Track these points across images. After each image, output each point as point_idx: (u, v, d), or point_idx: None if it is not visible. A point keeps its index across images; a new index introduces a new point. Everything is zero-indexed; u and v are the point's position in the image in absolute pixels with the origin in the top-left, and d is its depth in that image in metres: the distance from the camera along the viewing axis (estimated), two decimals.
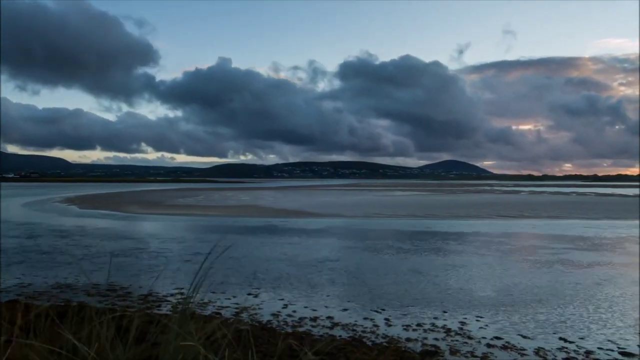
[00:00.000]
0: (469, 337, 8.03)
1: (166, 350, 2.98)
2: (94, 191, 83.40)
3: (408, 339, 7.87)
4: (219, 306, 9.75)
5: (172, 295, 10.47)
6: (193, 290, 3.53)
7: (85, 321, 3.36)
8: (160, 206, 44.00)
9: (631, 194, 78.68)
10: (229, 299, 10.38)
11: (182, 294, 10.10)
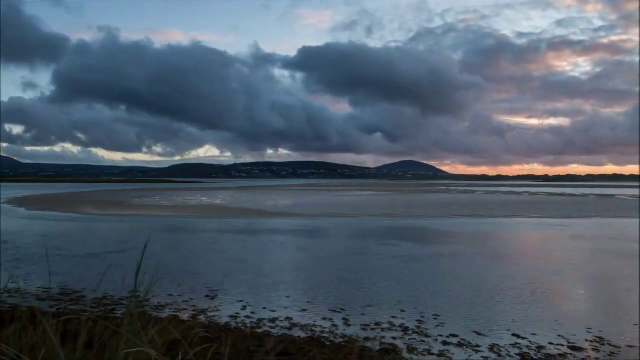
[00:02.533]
0: (426, 335, 8.14)
1: (116, 355, 2.90)
2: (45, 192, 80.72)
3: (366, 339, 7.92)
4: (176, 309, 9.58)
5: (127, 298, 10.22)
6: (146, 292, 3.44)
7: (32, 326, 3.23)
8: (116, 207, 42.99)
9: (579, 194, 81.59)
10: (187, 301, 10.22)
11: (138, 296, 9.88)
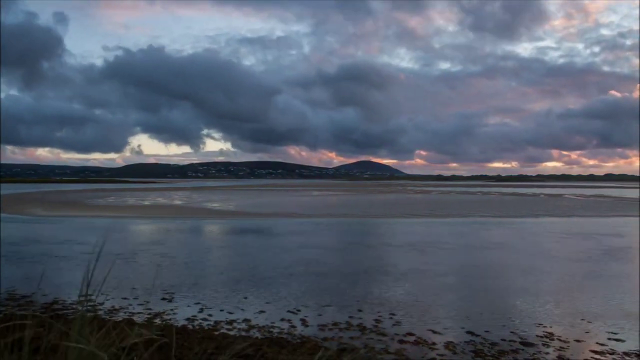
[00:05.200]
0: (383, 334, 8.22)
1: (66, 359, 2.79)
2: None
3: (324, 339, 7.94)
4: (130, 312, 9.37)
5: (82, 303, 9.90)
6: (98, 294, 3.34)
7: None
8: (68, 208, 41.70)
9: (530, 194, 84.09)
10: (142, 304, 10.00)
11: (91, 300, 9.59)
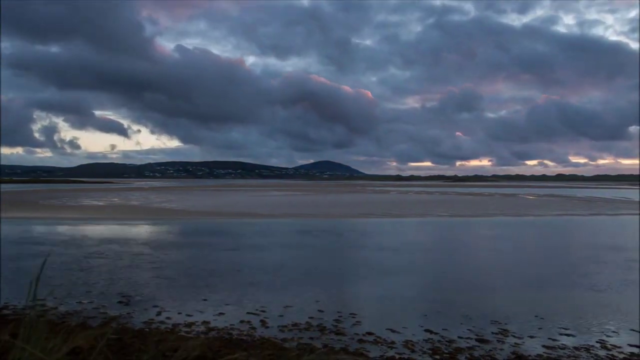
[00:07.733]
0: (343, 334, 8.26)
1: None
2: None
3: (284, 339, 7.92)
4: (85, 316, 9.12)
5: (32, 307, 9.57)
6: (50, 298, 3.24)
7: None
8: (23, 209, 40.26)
9: (486, 193, 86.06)
10: (97, 308, 9.75)
11: (42, 305, 9.29)
